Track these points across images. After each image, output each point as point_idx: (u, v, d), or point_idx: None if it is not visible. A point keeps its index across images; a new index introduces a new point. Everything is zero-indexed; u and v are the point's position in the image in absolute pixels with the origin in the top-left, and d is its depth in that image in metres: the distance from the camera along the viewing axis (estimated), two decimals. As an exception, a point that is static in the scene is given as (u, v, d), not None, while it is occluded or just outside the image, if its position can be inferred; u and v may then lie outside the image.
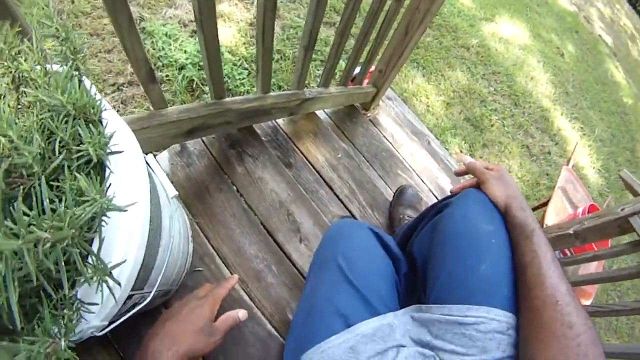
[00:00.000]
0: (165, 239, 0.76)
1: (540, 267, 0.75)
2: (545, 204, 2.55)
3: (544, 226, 2.37)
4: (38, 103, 0.51)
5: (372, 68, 2.01)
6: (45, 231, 0.32)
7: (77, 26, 1.98)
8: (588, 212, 2.36)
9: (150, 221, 0.59)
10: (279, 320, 1.27)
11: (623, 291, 3.11)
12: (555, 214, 2.52)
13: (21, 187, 0.43)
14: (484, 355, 0.72)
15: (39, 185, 0.37)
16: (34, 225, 0.32)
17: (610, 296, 3.02)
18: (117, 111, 1.81)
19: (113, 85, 1.89)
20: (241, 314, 0.87)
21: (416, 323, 0.84)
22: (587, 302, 2.37)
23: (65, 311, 0.46)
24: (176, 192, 0.84)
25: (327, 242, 1.02)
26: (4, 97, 0.52)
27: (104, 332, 0.59)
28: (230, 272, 1.28)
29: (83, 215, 0.38)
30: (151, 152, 1.39)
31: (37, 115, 0.47)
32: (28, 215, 0.33)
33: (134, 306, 0.73)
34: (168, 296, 1.12)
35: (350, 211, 1.69)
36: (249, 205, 1.43)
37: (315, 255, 1.02)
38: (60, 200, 0.42)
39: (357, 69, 1.91)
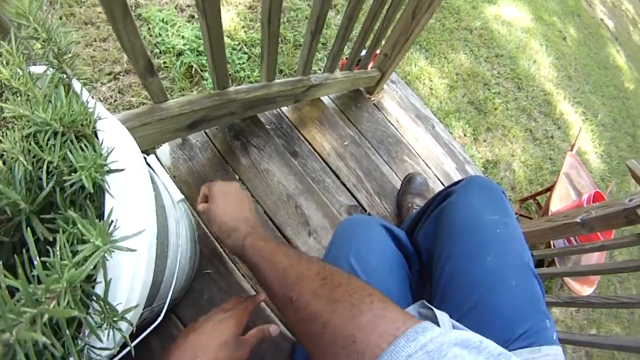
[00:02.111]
0: (173, 247, 0.69)
1: (262, 272, 0.67)
2: (549, 189, 2.52)
3: (549, 212, 2.34)
4: (22, 118, 0.42)
5: (377, 52, 1.94)
6: (42, 297, 0.24)
7: (70, 15, 1.90)
8: (593, 200, 2.35)
9: (156, 235, 0.52)
10: (287, 318, 1.21)
11: (624, 277, 3.11)
12: (559, 199, 2.50)
13: (5, 227, 0.35)
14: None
15: (30, 225, 0.29)
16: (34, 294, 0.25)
17: (612, 282, 3.01)
18: (114, 101, 1.73)
19: (109, 74, 1.82)
20: (272, 329, 0.83)
21: (423, 319, 0.80)
22: (590, 289, 2.36)
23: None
24: (182, 197, 0.77)
25: (338, 241, 0.99)
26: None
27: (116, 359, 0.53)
28: (239, 271, 1.21)
29: (84, 268, 0.30)
30: (151, 149, 1.32)
31: (21, 133, 0.38)
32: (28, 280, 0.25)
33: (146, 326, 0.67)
34: (176, 302, 1.05)
35: (357, 200, 1.64)
36: (256, 198, 1.37)
37: (327, 255, 0.99)
38: (53, 241, 0.34)
39: (362, 53, 1.83)
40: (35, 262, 0.28)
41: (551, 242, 2.37)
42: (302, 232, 1.36)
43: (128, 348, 0.56)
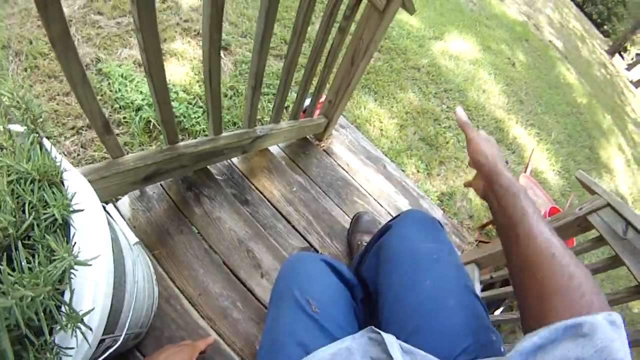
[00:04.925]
0: (130, 283, 0.87)
1: (532, 224, 0.74)
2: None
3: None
4: (6, 167, 0.62)
5: (322, 98, 2.11)
6: (26, 288, 0.43)
7: (35, 68, 2.05)
8: (549, 215, 2.49)
9: (114, 269, 0.70)
10: (249, 354, 1.36)
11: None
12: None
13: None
14: None
15: (16, 246, 0.48)
16: (17, 283, 0.44)
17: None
18: (77, 155, 1.86)
19: (72, 128, 1.97)
20: None
21: (374, 342, 0.84)
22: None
23: (47, 355, 0.56)
24: (137, 239, 0.95)
25: (282, 277, 1.09)
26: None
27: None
28: (197, 312, 1.37)
29: (55, 272, 0.49)
30: (111, 200, 1.48)
31: (6, 179, 0.58)
32: (12, 275, 0.44)
33: (107, 350, 0.83)
34: (139, 339, 1.21)
35: (309, 242, 1.80)
36: (210, 245, 1.53)
37: (273, 290, 1.07)
38: (33, 257, 0.53)
39: (308, 101, 2.02)
40: (24, 264, 0.47)
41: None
42: (255, 275, 1.53)
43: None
